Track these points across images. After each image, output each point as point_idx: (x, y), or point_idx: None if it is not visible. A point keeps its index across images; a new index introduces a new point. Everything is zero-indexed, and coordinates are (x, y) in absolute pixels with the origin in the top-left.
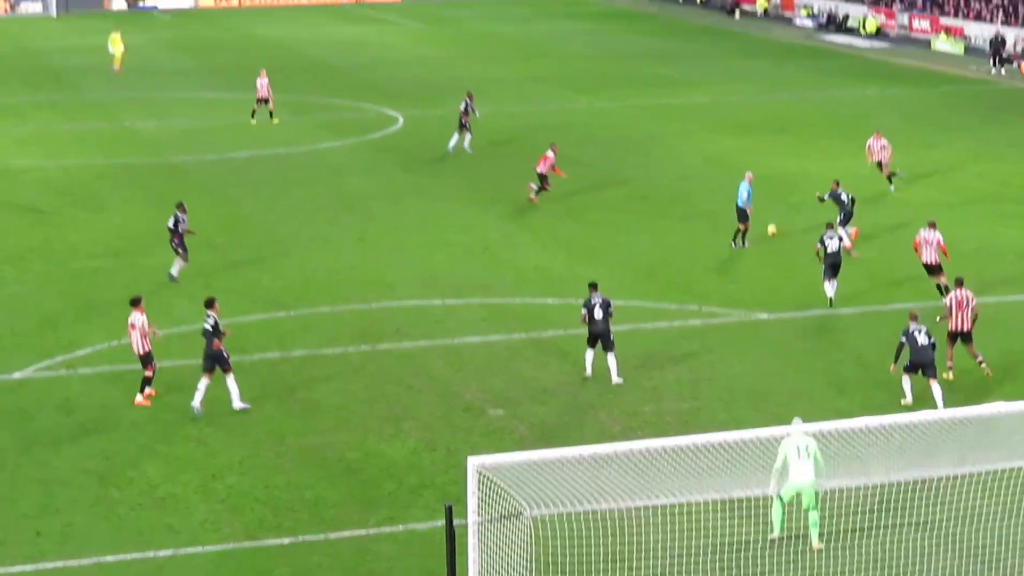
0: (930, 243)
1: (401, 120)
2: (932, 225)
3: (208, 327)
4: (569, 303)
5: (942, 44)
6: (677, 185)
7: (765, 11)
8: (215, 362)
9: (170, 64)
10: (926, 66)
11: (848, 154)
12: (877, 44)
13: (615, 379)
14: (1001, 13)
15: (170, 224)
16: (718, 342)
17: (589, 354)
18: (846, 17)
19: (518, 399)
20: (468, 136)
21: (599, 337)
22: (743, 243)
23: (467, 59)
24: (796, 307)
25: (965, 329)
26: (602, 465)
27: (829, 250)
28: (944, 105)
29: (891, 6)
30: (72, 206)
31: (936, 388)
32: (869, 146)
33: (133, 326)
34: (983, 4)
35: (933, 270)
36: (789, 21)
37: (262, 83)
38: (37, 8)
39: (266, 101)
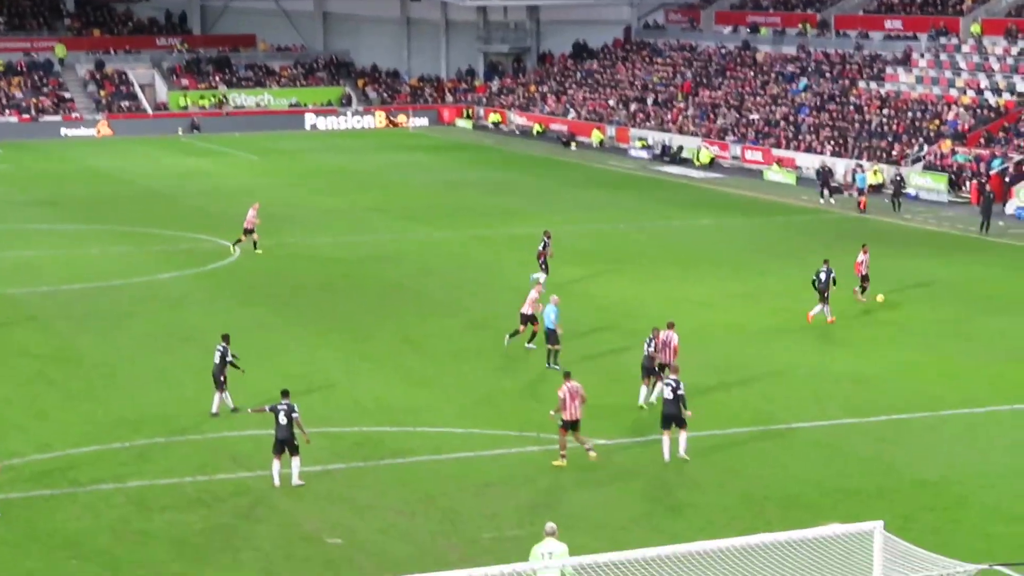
0: (668, 345)
1: (238, 252)
2: (670, 326)
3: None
4: (408, 431)
5: (774, 175)
6: (516, 313)
7: (601, 143)
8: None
9: (1, 196)
10: (759, 196)
11: (685, 282)
12: (711, 175)
13: (295, 480)
14: (831, 144)
15: None
16: (560, 470)
17: (275, 465)
18: (680, 148)
19: (357, 528)
20: (544, 276)
21: (283, 444)
22: (555, 363)
23: (301, 189)
24: (634, 433)
25: (575, 418)
26: None
27: (646, 352)
28: (778, 233)
29: (724, 138)
30: None
31: (682, 436)
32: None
33: None
34: (814, 136)
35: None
36: (624, 152)
37: (252, 214)
38: None
39: (251, 231)
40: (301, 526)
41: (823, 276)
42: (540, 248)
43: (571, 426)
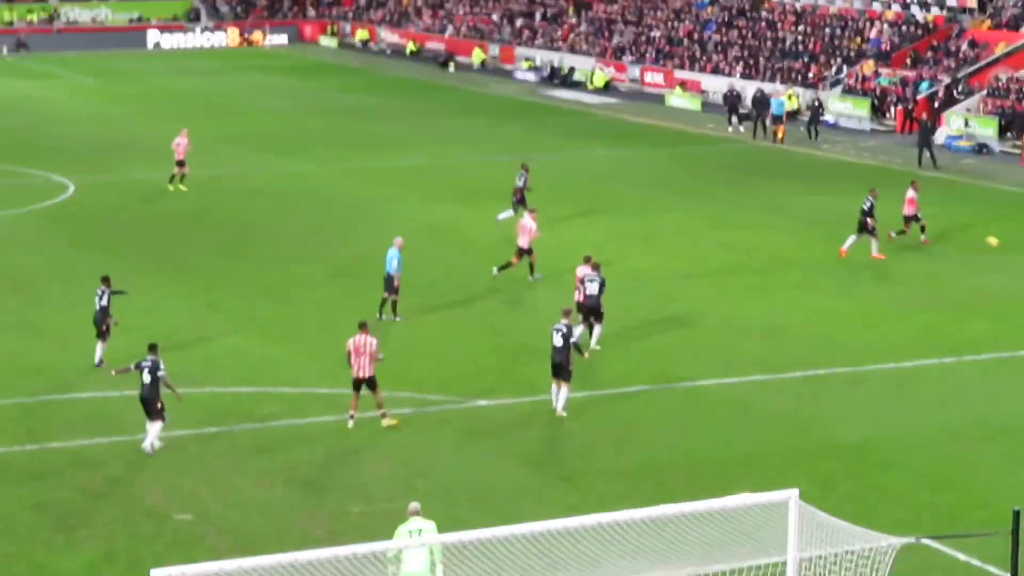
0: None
1: (72, 187)
2: (589, 262)
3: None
4: (266, 391)
5: (677, 100)
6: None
7: (483, 64)
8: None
9: None
10: (660, 124)
11: (577, 222)
12: (606, 100)
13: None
14: (740, 65)
15: None
16: (434, 433)
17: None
18: (571, 70)
19: (208, 502)
20: (510, 214)
21: (145, 404)
22: (393, 315)
23: (146, 117)
24: (520, 392)
25: (362, 376)
26: (305, 574)
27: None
28: (681, 167)
29: (621, 58)
30: None
31: (562, 390)
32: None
33: None
34: (721, 56)
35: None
36: (509, 75)
37: (180, 143)
38: None
39: (182, 164)
40: (145, 500)
41: (866, 207)
42: (519, 183)
43: (359, 384)
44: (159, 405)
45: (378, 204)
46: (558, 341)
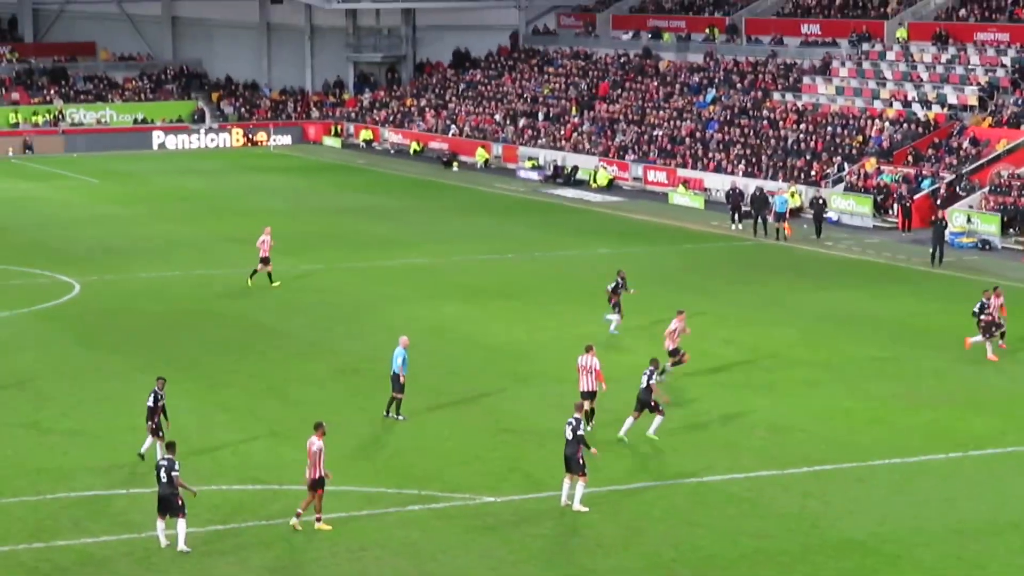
0: (587, 369)
1: (77, 287)
2: (589, 350)
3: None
4: (271, 489)
5: (680, 198)
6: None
7: (486, 163)
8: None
9: None
10: (663, 221)
11: (582, 318)
12: (609, 198)
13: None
14: (743, 164)
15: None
16: (441, 530)
17: (160, 525)
18: (575, 169)
19: None
20: (617, 318)
21: (165, 503)
22: (396, 414)
23: (151, 218)
24: (526, 489)
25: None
26: None
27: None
28: (685, 264)
29: (624, 157)
30: None
31: (578, 485)
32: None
33: None
34: (723, 154)
35: (587, 396)
36: (513, 173)
37: (265, 239)
38: None
39: (266, 261)
40: None
41: (979, 306)
42: (610, 288)
43: (311, 485)
44: (180, 501)
45: (383, 303)
46: (568, 434)
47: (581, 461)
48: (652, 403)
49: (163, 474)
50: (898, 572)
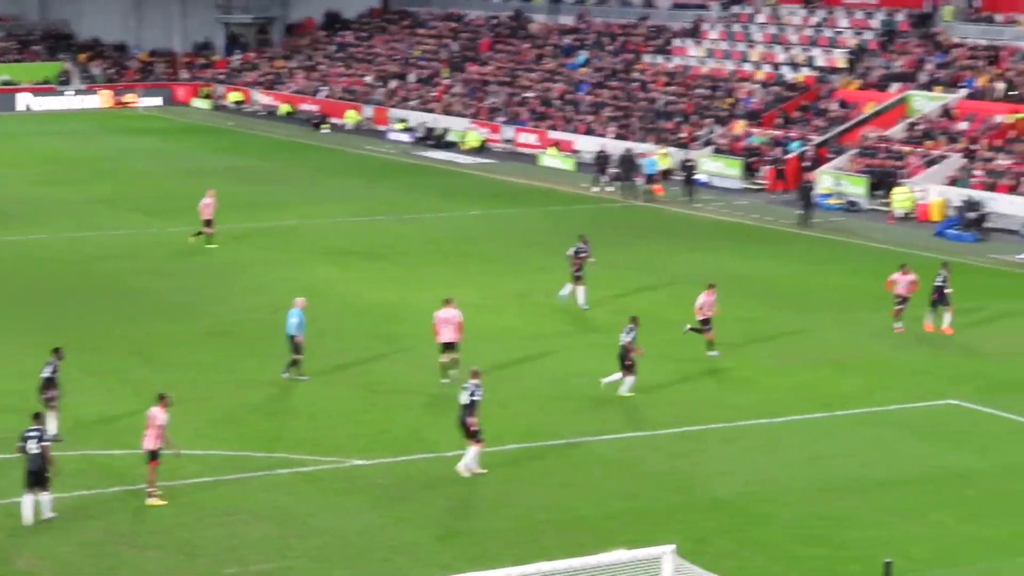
0: (449, 322)
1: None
2: (448, 302)
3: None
4: (136, 453)
5: (550, 160)
6: (265, 319)
7: (356, 125)
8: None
9: None
10: (534, 183)
11: (453, 280)
12: (480, 160)
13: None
14: (614, 126)
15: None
16: (309, 493)
17: (27, 499)
18: (445, 131)
19: (79, 565)
20: (583, 288)
21: (36, 476)
22: (299, 376)
23: (18, 180)
24: (397, 452)
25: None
26: None
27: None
28: (555, 226)
29: (494, 119)
30: None
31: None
32: (894, 280)
33: None
34: (594, 116)
35: (448, 348)
36: (383, 135)
37: (209, 201)
38: None
39: (209, 223)
40: (12, 564)
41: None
42: (571, 253)
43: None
44: (47, 474)
45: (253, 265)
46: (464, 398)
47: (472, 429)
48: (627, 362)
49: (33, 445)
50: (766, 530)
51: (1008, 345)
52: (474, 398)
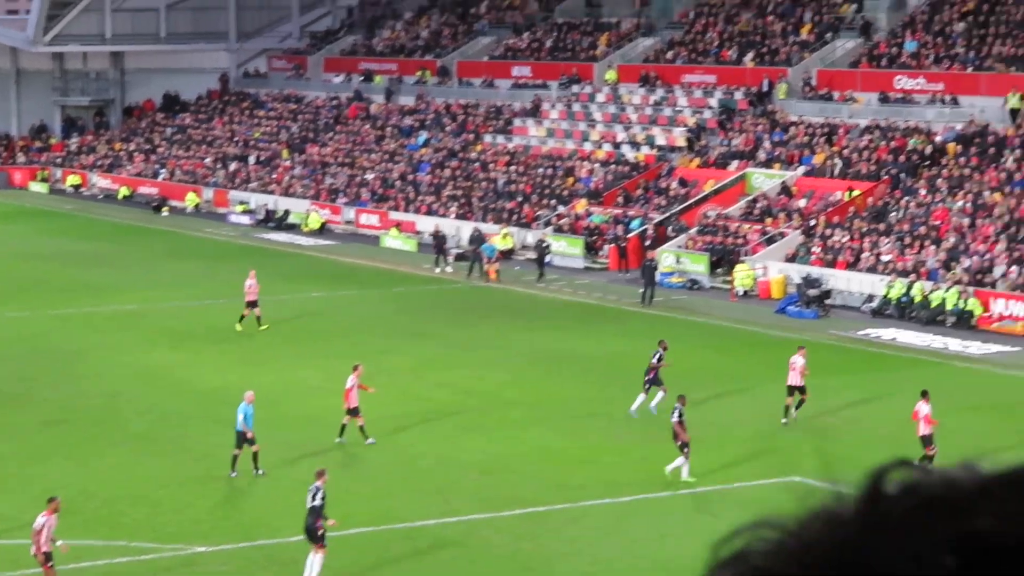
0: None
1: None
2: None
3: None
4: None
5: (392, 240)
6: (104, 405)
7: (196, 207)
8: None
9: None
10: (376, 264)
11: (296, 363)
12: (322, 242)
13: None
14: (455, 206)
15: None
16: None
17: None
18: (286, 213)
19: None
20: (661, 393)
21: None
22: (255, 468)
23: None
24: (238, 538)
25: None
26: None
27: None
28: (398, 307)
29: (335, 200)
30: None
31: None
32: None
33: None
34: (435, 197)
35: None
36: (224, 218)
37: (251, 282)
38: None
39: (253, 304)
40: None
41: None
42: (654, 361)
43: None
44: None
45: (91, 350)
46: (309, 501)
47: (320, 532)
48: (678, 444)
49: None
50: None
51: (850, 421)
52: (314, 503)
